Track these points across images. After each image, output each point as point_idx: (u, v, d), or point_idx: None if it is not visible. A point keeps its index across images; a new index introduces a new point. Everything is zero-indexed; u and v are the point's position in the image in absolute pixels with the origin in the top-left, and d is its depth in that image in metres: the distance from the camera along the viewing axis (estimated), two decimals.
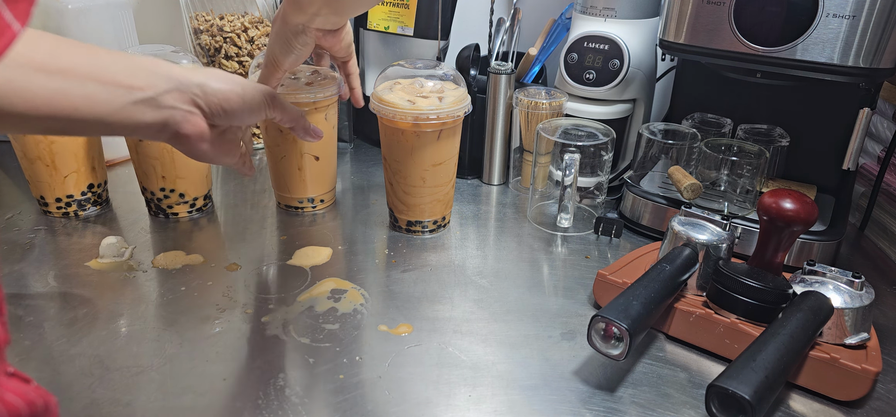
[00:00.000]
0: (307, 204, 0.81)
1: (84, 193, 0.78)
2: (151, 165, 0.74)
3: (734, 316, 0.56)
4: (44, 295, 0.63)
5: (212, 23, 0.96)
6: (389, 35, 1.01)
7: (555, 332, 0.60)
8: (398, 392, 0.52)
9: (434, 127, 0.69)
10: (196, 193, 0.79)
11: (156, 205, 0.78)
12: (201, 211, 0.80)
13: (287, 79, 0.75)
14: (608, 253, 0.75)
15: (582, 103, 0.87)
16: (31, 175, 0.76)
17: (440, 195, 0.75)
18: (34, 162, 0.74)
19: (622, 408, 0.51)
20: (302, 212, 0.81)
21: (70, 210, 0.78)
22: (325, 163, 0.79)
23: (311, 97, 0.73)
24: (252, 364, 0.54)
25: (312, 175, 0.79)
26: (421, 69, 0.75)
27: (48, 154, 0.73)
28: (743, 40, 0.67)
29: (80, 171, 0.76)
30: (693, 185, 0.72)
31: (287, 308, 0.62)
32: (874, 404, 0.52)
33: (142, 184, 0.77)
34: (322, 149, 0.78)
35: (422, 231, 0.76)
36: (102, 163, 0.80)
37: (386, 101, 0.70)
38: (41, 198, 0.77)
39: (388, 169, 0.75)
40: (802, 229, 0.56)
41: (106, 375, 0.52)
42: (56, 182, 0.75)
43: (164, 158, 0.74)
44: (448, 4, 0.95)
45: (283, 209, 0.82)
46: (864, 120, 0.69)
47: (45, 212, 0.78)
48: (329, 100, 0.76)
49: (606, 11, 0.85)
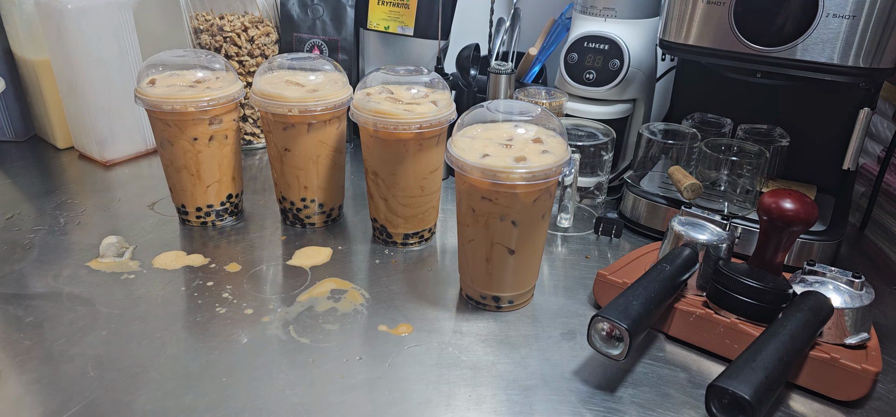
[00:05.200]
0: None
1: (223, 203, 0.78)
2: (295, 176, 0.74)
3: (734, 316, 0.56)
4: (44, 295, 0.63)
5: (212, 23, 0.96)
6: (389, 35, 1.01)
7: (555, 332, 0.60)
8: (398, 392, 0.52)
9: (435, 132, 0.68)
10: (333, 204, 0.79)
11: (294, 214, 0.78)
12: (335, 221, 0.80)
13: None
14: (608, 253, 0.75)
15: (582, 103, 0.87)
16: (176, 183, 0.75)
17: (435, 200, 0.74)
18: (180, 171, 0.74)
19: (622, 408, 0.51)
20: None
21: (208, 220, 0.78)
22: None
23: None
24: (252, 365, 0.54)
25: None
26: (403, 76, 0.72)
27: (195, 163, 0.73)
28: (743, 40, 0.67)
29: (222, 181, 0.77)
30: (693, 185, 0.72)
31: (287, 308, 0.62)
32: (874, 404, 0.52)
33: (281, 194, 0.77)
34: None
35: (419, 241, 0.75)
36: (241, 173, 0.80)
37: (384, 113, 0.65)
38: (182, 206, 0.77)
39: (381, 184, 0.70)
40: (802, 229, 0.56)
41: (106, 375, 0.52)
42: (199, 191, 0.75)
43: (309, 169, 0.74)
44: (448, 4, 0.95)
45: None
46: (864, 120, 0.69)
47: (183, 221, 0.78)
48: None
49: (606, 11, 0.85)
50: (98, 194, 0.85)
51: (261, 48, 1.00)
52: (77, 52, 0.86)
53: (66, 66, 0.88)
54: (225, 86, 0.73)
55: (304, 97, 0.69)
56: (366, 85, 0.71)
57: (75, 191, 0.86)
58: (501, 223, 0.57)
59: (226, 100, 0.72)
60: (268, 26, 1.00)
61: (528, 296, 0.65)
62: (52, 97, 0.96)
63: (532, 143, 0.58)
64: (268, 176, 0.94)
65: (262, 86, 0.71)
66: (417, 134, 0.66)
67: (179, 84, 0.72)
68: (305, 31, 1.01)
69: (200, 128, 0.72)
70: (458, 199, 0.61)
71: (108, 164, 0.95)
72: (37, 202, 0.82)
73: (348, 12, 1.00)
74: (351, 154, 1.03)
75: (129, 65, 0.93)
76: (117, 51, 0.91)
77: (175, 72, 0.74)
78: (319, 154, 0.74)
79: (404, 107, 0.66)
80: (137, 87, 0.71)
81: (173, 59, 0.74)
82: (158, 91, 0.70)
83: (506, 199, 0.56)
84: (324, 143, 0.73)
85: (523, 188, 0.55)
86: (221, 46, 0.97)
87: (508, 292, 0.62)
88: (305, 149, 0.73)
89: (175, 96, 0.69)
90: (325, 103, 0.70)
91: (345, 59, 1.01)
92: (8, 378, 0.52)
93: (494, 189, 0.56)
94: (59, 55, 0.89)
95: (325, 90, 0.71)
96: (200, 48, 0.98)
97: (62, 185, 0.88)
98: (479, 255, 0.60)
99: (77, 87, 0.89)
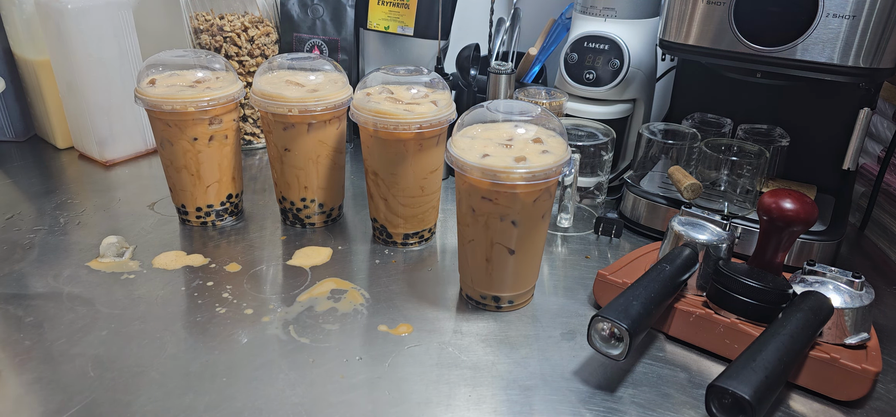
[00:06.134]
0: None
1: (223, 203, 0.78)
2: (295, 176, 0.74)
3: (734, 316, 0.56)
4: (44, 295, 0.63)
5: (212, 23, 0.96)
6: (389, 35, 1.01)
7: (555, 332, 0.60)
8: (398, 392, 0.52)
9: (435, 132, 0.68)
10: (333, 204, 0.79)
11: (294, 214, 0.78)
12: (335, 221, 0.80)
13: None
14: (608, 253, 0.75)
15: (582, 103, 0.87)
16: (176, 183, 0.75)
17: (435, 201, 0.74)
18: (180, 171, 0.74)
19: (622, 408, 0.51)
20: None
21: (208, 220, 0.78)
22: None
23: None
24: (252, 365, 0.54)
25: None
26: (403, 76, 0.72)
27: (195, 163, 0.73)
28: (743, 40, 0.67)
29: (222, 181, 0.76)
30: (693, 185, 0.72)
31: (287, 308, 0.62)
32: (874, 404, 0.52)
33: (281, 194, 0.77)
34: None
35: (419, 241, 0.76)
36: (241, 173, 0.80)
37: (384, 113, 0.65)
38: (182, 206, 0.77)
39: (381, 184, 0.71)
40: (802, 229, 0.56)
41: (106, 375, 0.52)
42: (199, 191, 0.75)
43: (309, 169, 0.74)
44: (448, 4, 0.95)
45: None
46: (864, 120, 0.69)
47: (183, 221, 0.78)
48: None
49: (606, 11, 0.85)
50: (98, 194, 0.85)
51: (261, 48, 1.00)
52: (77, 52, 0.86)
53: (66, 66, 0.88)
54: (225, 86, 0.73)
55: (304, 97, 0.69)
56: (366, 85, 0.71)
57: (75, 191, 0.86)
58: (501, 223, 0.57)
59: (226, 100, 0.72)
60: (268, 26, 1.00)
61: (528, 296, 0.65)
62: (52, 97, 0.96)
63: (532, 143, 0.58)
64: (268, 176, 0.94)
65: (262, 86, 0.71)
66: (417, 134, 0.66)
67: (179, 84, 0.72)
68: (305, 31, 1.01)
69: (200, 128, 0.72)
70: (458, 199, 0.61)
71: (108, 164, 0.95)
72: (37, 202, 0.82)
73: (348, 12, 1.00)
74: (351, 154, 1.03)
75: (129, 65, 0.93)
76: (117, 51, 0.91)
77: (175, 73, 0.74)
78: (319, 154, 0.74)
79: (404, 107, 0.66)
80: (137, 87, 0.71)
81: (173, 59, 0.74)
82: (158, 91, 0.70)
83: (506, 199, 0.56)
84: (324, 143, 0.73)
85: (523, 188, 0.55)
86: (221, 46, 0.97)
87: (508, 292, 0.62)
88: (305, 149, 0.73)
89: (175, 96, 0.69)
90: (325, 103, 0.70)
91: (345, 58, 1.01)
92: (8, 379, 0.52)
93: (494, 189, 0.56)
94: (59, 55, 0.89)
95: (325, 90, 0.71)
96: (200, 48, 0.98)
97: (62, 185, 0.88)
98: (479, 255, 0.60)
99: (77, 87, 0.89)
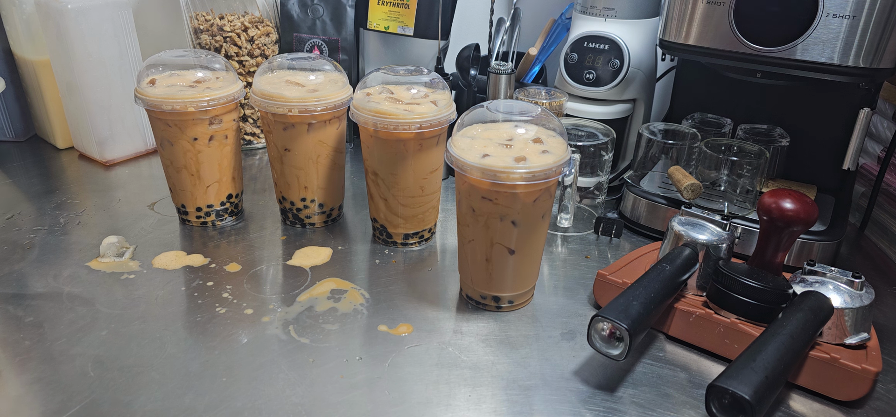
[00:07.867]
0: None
1: (223, 203, 0.78)
2: (295, 176, 0.74)
3: (734, 316, 0.56)
4: (44, 295, 0.63)
5: (212, 23, 0.96)
6: (389, 35, 1.01)
7: (555, 332, 0.60)
8: (398, 392, 0.52)
9: (435, 132, 0.68)
10: (333, 204, 0.79)
11: (294, 214, 0.78)
12: (335, 221, 0.80)
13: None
14: (608, 253, 0.75)
15: (582, 103, 0.87)
16: (175, 183, 0.75)
17: (435, 201, 0.74)
18: (180, 171, 0.74)
19: (622, 408, 0.51)
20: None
21: (208, 220, 0.78)
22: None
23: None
24: (252, 365, 0.54)
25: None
26: (403, 76, 0.72)
27: (195, 163, 0.73)
28: (743, 40, 0.67)
29: (222, 181, 0.76)
30: (693, 185, 0.72)
31: (287, 308, 0.62)
32: (874, 404, 0.52)
33: (281, 194, 0.77)
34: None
35: (419, 241, 0.76)
36: (241, 173, 0.80)
37: (384, 113, 0.65)
38: (182, 206, 0.77)
39: (381, 184, 0.71)
40: (802, 229, 0.56)
41: (106, 375, 0.52)
42: (199, 191, 0.75)
43: (309, 169, 0.74)
44: (448, 4, 0.95)
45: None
46: (864, 120, 0.69)
47: (183, 221, 0.78)
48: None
49: (606, 11, 0.85)
50: (98, 194, 0.85)
51: (261, 48, 1.00)
52: (77, 52, 0.86)
53: (66, 66, 0.88)
54: (225, 86, 0.73)
55: (304, 97, 0.69)
56: (366, 85, 0.71)
57: (75, 191, 0.86)
58: (501, 223, 0.57)
59: (226, 100, 0.72)
60: (268, 26, 1.00)
61: (528, 296, 0.65)
62: (52, 97, 0.96)
63: (532, 143, 0.58)
64: (268, 176, 0.94)
65: (262, 86, 0.71)
66: (417, 134, 0.66)
67: (179, 84, 0.72)
68: (305, 31, 1.01)
69: (200, 128, 0.72)
70: (458, 199, 0.61)
71: (108, 164, 0.95)
72: (37, 202, 0.82)
73: (348, 12, 1.00)
74: (351, 154, 1.03)
75: (129, 65, 0.93)
76: (117, 51, 0.91)
77: (175, 73, 0.74)
78: (319, 154, 0.74)
79: (404, 107, 0.66)
80: (137, 87, 0.71)
81: (173, 59, 0.74)
82: (158, 91, 0.70)
83: (506, 199, 0.56)
84: (324, 143, 0.73)
85: (523, 188, 0.55)
86: (221, 46, 0.97)
87: (508, 292, 0.62)
88: (305, 149, 0.73)
89: (175, 96, 0.69)
90: (325, 103, 0.70)
91: (345, 58, 1.01)
92: (8, 379, 0.52)
93: (494, 189, 0.56)
94: (59, 55, 0.89)
95: (325, 90, 0.71)
96: (200, 48, 0.98)
97: (62, 185, 0.88)
98: (479, 255, 0.60)
99: (77, 87, 0.89)
